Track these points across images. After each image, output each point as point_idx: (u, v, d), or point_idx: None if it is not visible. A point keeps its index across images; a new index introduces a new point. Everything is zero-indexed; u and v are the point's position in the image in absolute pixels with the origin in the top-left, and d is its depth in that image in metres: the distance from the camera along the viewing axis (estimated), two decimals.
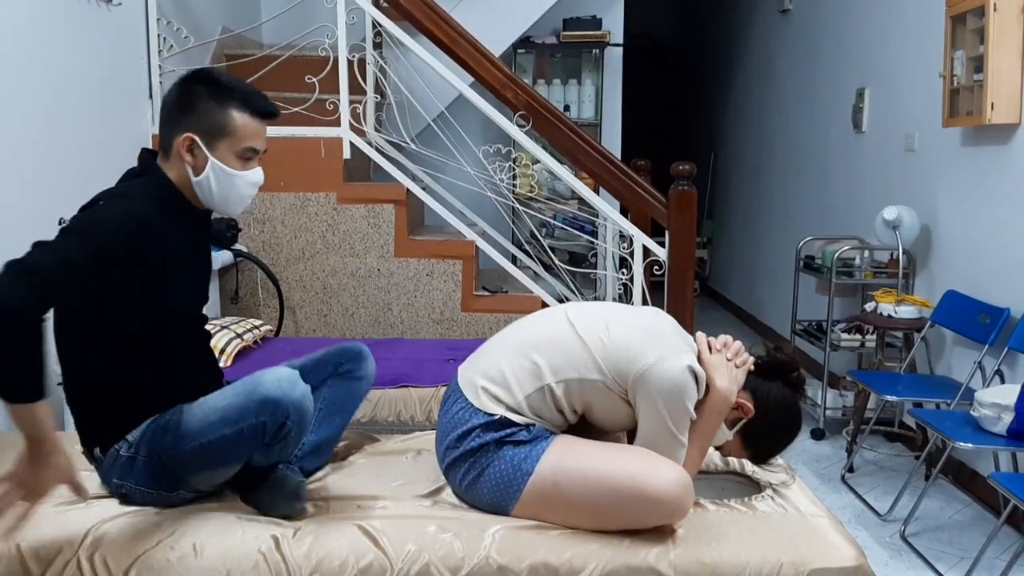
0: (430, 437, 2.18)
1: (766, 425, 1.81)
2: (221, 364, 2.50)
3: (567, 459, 1.69)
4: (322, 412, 1.99)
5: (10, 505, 1.48)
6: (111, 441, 1.75)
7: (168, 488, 1.75)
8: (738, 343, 1.83)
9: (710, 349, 1.80)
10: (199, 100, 1.73)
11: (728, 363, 1.77)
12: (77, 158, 2.74)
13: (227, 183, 1.76)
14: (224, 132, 1.74)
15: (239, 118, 1.74)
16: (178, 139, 1.73)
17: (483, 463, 1.72)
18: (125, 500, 1.76)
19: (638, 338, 1.71)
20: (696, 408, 1.71)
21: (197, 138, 1.73)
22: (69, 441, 1.72)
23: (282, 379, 1.67)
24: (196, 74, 1.79)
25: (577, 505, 1.67)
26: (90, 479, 1.80)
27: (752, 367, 1.82)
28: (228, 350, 2.85)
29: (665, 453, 1.68)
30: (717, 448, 1.85)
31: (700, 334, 1.84)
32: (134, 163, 1.82)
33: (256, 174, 1.81)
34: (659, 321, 1.79)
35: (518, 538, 1.65)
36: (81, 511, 1.72)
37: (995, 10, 2.85)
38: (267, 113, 1.79)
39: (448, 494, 1.82)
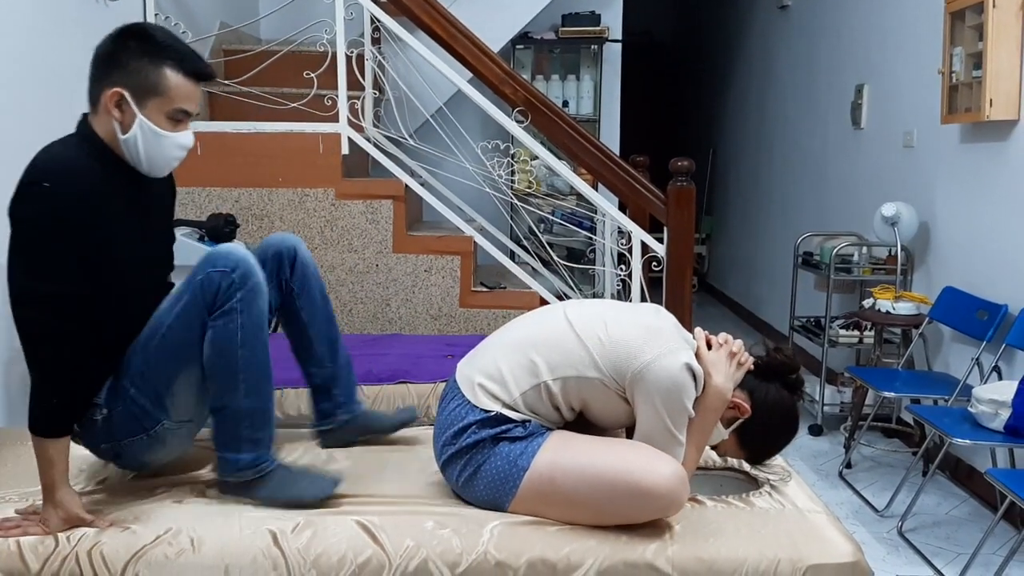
0: (428, 433, 2.19)
1: (763, 426, 1.80)
2: None
3: (563, 454, 1.69)
4: (315, 335, 2.09)
5: (23, 535, 1.63)
6: (82, 412, 1.73)
7: (152, 422, 1.73)
8: (739, 341, 1.82)
9: (709, 346, 1.79)
10: (132, 56, 1.65)
11: (727, 360, 1.76)
12: None
13: (155, 143, 1.69)
14: (156, 91, 1.66)
15: (173, 78, 1.67)
16: (107, 93, 1.66)
17: (479, 459, 1.72)
18: (120, 462, 1.76)
19: (636, 336, 1.71)
20: (693, 405, 1.71)
21: (127, 94, 1.65)
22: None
23: (223, 245, 1.71)
24: (130, 29, 1.70)
25: (573, 500, 1.67)
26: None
27: (752, 367, 1.81)
28: None
29: (663, 451, 1.68)
30: (713, 448, 1.85)
31: (699, 330, 1.83)
32: None
33: (186, 137, 1.73)
34: (658, 319, 1.78)
35: (516, 534, 1.65)
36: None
37: (994, 6, 2.85)
38: (202, 75, 1.73)
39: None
